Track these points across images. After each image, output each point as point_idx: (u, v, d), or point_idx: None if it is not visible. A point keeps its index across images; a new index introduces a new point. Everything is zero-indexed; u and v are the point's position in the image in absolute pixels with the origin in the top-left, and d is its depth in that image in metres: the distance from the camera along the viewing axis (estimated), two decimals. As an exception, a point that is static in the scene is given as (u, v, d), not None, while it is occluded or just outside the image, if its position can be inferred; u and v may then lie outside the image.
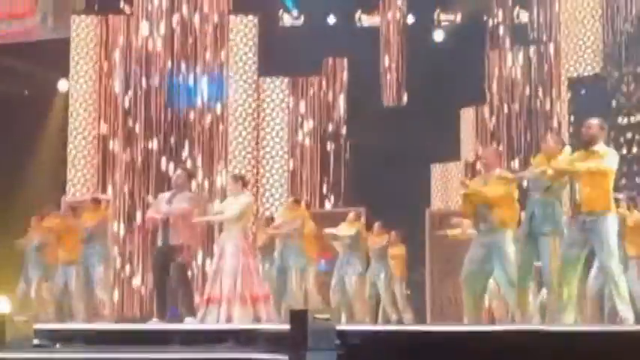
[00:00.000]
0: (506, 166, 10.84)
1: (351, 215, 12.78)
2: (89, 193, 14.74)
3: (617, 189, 8.19)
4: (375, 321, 12.98)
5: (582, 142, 7.53)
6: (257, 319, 9.20)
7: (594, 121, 7.46)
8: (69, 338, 7.51)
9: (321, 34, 16.94)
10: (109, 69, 16.01)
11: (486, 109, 16.38)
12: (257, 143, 15.94)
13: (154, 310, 14.71)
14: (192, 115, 15.98)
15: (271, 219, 12.98)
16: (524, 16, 16.51)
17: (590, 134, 7.39)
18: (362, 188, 15.86)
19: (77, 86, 15.99)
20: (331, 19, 17.46)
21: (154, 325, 9.26)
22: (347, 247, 12.57)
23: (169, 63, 16.05)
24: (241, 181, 9.78)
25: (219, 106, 16.03)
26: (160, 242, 9.29)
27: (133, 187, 15.78)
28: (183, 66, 16.06)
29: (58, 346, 7.18)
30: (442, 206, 16.53)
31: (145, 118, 15.94)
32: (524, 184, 8.47)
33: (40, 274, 12.20)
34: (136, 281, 15.65)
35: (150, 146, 15.89)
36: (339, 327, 6.19)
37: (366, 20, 17.61)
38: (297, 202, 12.38)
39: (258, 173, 15.91)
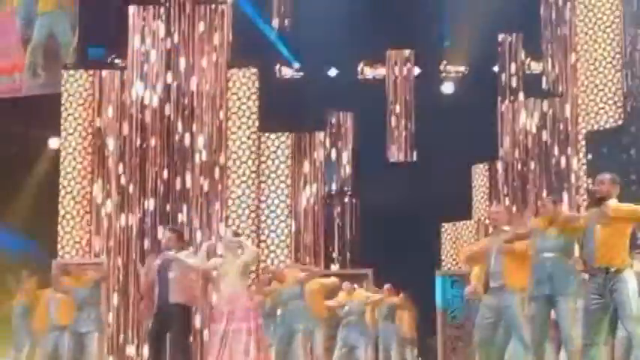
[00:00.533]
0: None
1: (346, 285, 12.77)
2: (81, 257, 15.00)
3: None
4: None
5: (594, 199, 7.57)
6: None
7: (607, 176, 7.52)
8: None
9: (323, 86, 17.25)
10: (101, 127, 16.16)
11: (499, 165, 16.53)
12: (258, 202, 16.08)
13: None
14: (189, 176, 16.13)
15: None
16: (535, 66, 16.82)
17: (602, 190, 7.45)
18: (369, 248, 16.01)
19: (67, 144, 16.07)
20: (332, 72, 17.80)
21: None
22: (350, 316, 12.57)
23: (165, 122, 16.20)
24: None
25: (217, 168, 16.15)
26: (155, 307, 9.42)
27: (128, 256, 15.88)
28: (179, 125, 16.22)
29: None
30: (453, 267, 16.68)
31: (140, 179, 16.07)
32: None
33: (29, 341, 12.29)
34: (130, 350, 15.69)
35: (145, 209, 16.02)
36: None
37: (369, 72, 17.92)
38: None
39: (259, 235, 16.01)
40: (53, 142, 17.16)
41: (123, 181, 16.04)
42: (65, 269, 12.31)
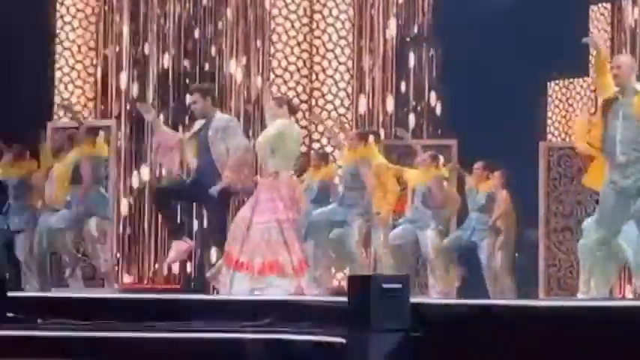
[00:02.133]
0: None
1: (426, 157, 13.07)
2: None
3: None
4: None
5: None
6: (299, 291, 9.37)
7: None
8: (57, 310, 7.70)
9: None
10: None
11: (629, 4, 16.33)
12: (309, 54, 15.83)
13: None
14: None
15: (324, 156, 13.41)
16: None
17: None
18: (453, 114, 16.04)
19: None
20: None
21: (173, 295, 9.92)
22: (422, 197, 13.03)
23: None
24: (287, 105, 9.93)
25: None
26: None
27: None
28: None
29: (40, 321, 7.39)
30: (562, 139, 16.64)
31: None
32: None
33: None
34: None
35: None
36: (414, 300, 6.25)
37: None
38: (362, 136, 12.50)
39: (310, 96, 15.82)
40: None
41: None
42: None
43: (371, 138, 12.99)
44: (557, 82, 17.52)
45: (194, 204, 11.79)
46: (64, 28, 15.96)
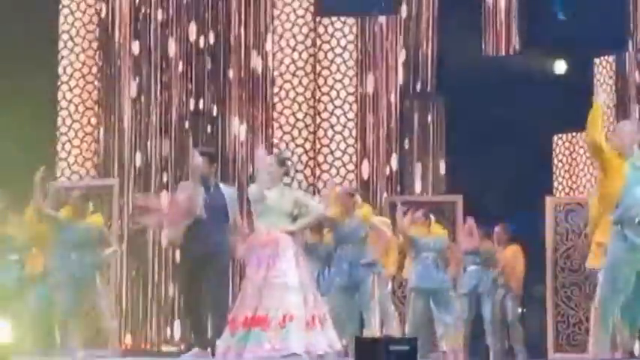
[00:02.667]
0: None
1: (419, 215, 12.94)
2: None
3: None
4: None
5: None
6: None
7: None
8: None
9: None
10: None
11: (629, 57, 16.29)
12: (314, 102, 15.75)
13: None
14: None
15: None
16: None
17: None
18: (457, 169, 16.00)
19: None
20: None
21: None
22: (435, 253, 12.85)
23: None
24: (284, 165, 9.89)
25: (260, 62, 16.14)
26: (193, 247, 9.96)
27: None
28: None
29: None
30: (567, 193, 16.59)
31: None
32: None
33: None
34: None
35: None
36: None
37: None
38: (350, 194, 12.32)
39: (312, 149, 15.67)
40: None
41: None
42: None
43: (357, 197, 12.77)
44: (560, 135, 17.38)
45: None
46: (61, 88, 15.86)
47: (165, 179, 15.90)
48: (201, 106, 16.42)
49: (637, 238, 8.27)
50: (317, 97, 15.77)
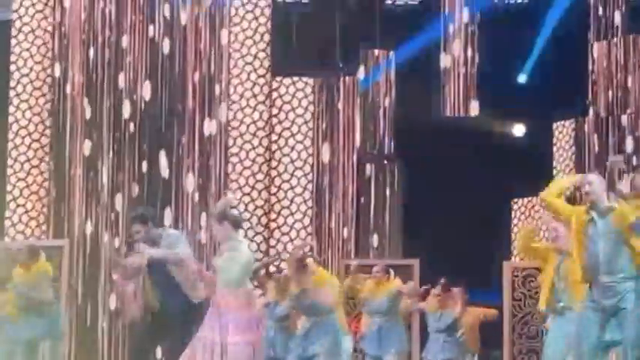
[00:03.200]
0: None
1: (377, 269, 12.77)
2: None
3: None
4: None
5: None
6: None
7: None
8: None
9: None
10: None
11: (588, 122, 16.25)
12: (269, 166, 15.73)
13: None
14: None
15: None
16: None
17: None
18: (414, 232, 15.98)
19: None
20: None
21: None
22: (383, 316, 12.68)
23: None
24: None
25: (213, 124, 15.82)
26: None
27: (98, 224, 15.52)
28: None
29: None
30: (526, 258, 15.99)
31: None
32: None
33: None
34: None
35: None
36: None
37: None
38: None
39: (270, 211, 15.65)
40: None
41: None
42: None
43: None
44: (516, 200, 17.22)
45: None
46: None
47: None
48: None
49: (605, 301, 8.20)
50: (276, 158, 15.72)
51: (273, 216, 15.65)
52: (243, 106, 15.65)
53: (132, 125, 15.82)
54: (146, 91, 15.82)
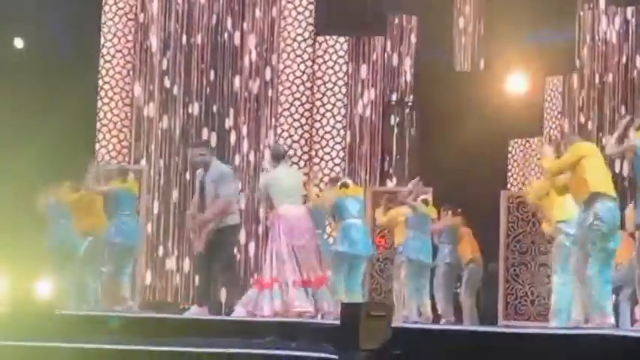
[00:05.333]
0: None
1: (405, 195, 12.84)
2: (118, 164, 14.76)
3: None
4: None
5: None
6: (318, 309, 9.45)
7: None
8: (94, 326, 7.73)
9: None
10: (145, 22, 15.94)
11: (575, 79, 16.00)
12: (310, 112, 15.87)
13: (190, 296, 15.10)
14: (237, 80, 15.94)
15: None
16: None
17: None
18: (429, 166, 15.82)
19: (109, 43, 15.96)
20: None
21: (191, 314, 9.63)
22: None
23: (214, 18, 15.90)
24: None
25: (268, 70, 15.97)
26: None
27: (170, 159, 15.82)
28: (229, 22, 15.96)
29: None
30: (521, 188, 16.42)
31: (185, 81, 15.86)
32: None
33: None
34: (170, 264, 15.63)
35: (190, 112, 15.89)
36: (395, 325, 6.26)
37: None
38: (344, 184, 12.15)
39: (310, 145, 15.85)
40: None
41: (166, 82, 15.89)
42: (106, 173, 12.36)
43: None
44: (515, 140, 17.40)
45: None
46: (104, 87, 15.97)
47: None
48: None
49: None
50: (317, 105, 15.86)
51: (313, 153, 15.79)
52: (289, 64, 15.72)
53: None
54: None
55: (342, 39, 16.01)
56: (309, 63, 15.86)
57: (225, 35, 15.95)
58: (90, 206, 12.03)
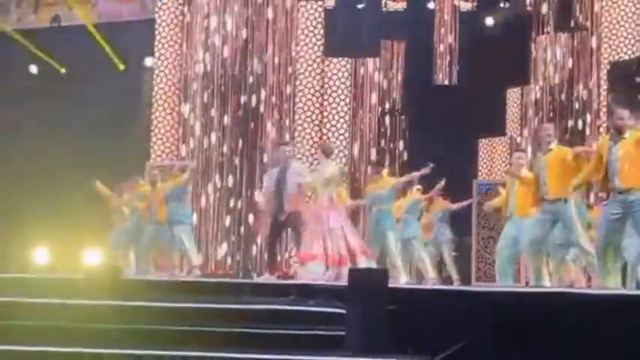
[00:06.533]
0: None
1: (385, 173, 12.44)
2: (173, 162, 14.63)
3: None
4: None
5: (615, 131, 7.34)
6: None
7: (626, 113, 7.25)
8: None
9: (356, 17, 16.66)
10: (188, 50, 15.90)
11: (532, 91, 15.91)
12: (322, 117, 15.87)
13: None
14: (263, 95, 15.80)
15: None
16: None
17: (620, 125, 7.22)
18: (415, 161, 15.49)
19: (160, 64, 15.88)
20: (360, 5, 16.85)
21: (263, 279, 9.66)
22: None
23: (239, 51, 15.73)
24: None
25: (288, 87, 15.90)
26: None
27: (207, 164, 15.64)
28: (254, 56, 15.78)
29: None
30: (488, 178, 16.37)
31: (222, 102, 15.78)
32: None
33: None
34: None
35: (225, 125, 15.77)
36: (391, 285, 6.28)
37: (391, 6, 17.03)
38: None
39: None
40: (148, 62, 16.96)
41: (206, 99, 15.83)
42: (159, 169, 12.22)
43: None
44: (482, 141, 17.17)
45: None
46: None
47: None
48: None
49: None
50: (326, 110, 15.83)
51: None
52: (303, 78, 15.70)
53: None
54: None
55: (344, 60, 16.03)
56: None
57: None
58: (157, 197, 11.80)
